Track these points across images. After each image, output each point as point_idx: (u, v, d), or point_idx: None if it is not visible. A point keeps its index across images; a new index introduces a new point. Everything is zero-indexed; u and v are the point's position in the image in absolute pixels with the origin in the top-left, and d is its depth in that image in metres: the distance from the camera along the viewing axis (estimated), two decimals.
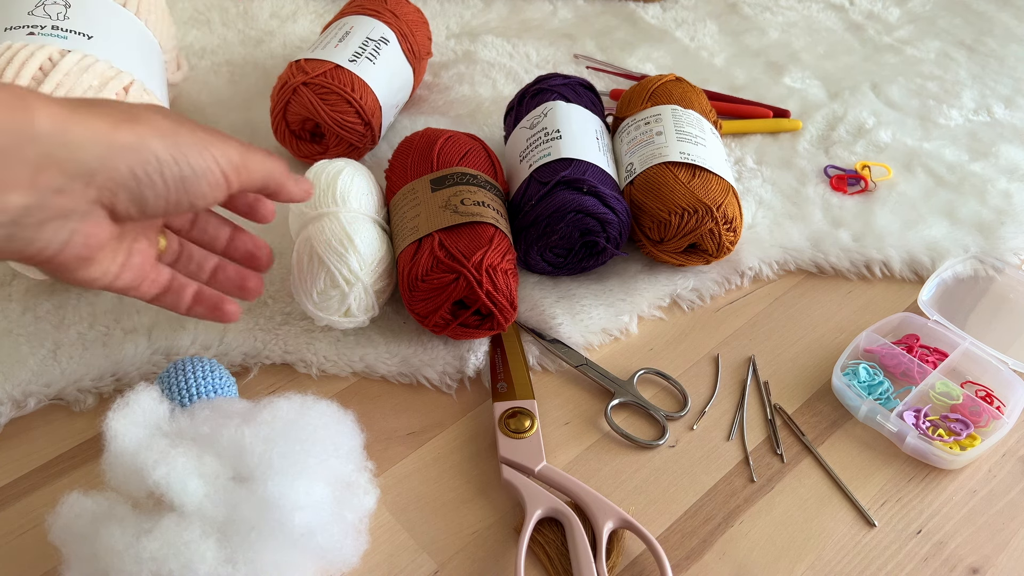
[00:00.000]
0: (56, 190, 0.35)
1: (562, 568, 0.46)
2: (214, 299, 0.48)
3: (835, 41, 0.95)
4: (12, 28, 0.58)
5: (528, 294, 0.61)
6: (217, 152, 0.40)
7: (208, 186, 0.40)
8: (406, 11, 0.77)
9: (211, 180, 0.40)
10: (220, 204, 0.45)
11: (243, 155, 0.42)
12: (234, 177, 0.41)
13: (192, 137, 0.40)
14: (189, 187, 0.40)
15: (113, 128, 0.37)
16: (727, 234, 0.60)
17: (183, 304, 0.47)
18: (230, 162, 0.41)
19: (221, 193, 0.41)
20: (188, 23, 0.91)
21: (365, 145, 0.70)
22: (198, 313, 0.48)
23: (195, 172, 0.39)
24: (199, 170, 0.40)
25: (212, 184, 0.40)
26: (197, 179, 0.40)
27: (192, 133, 0.40)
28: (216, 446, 0.42)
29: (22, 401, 0.52)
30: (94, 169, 0.36)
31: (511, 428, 0.51)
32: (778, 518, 0.49)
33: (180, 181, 0.39)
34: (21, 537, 0.47)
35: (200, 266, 0.49)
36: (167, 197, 0.39)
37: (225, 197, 0.42)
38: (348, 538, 0.43)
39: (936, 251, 0.66)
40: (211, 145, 0.40)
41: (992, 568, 0.47)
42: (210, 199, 0.41)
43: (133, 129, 0.37)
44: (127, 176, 0.37)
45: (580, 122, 0.64)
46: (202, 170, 0.40)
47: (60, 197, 0.36)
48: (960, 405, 0.54)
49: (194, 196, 0.40)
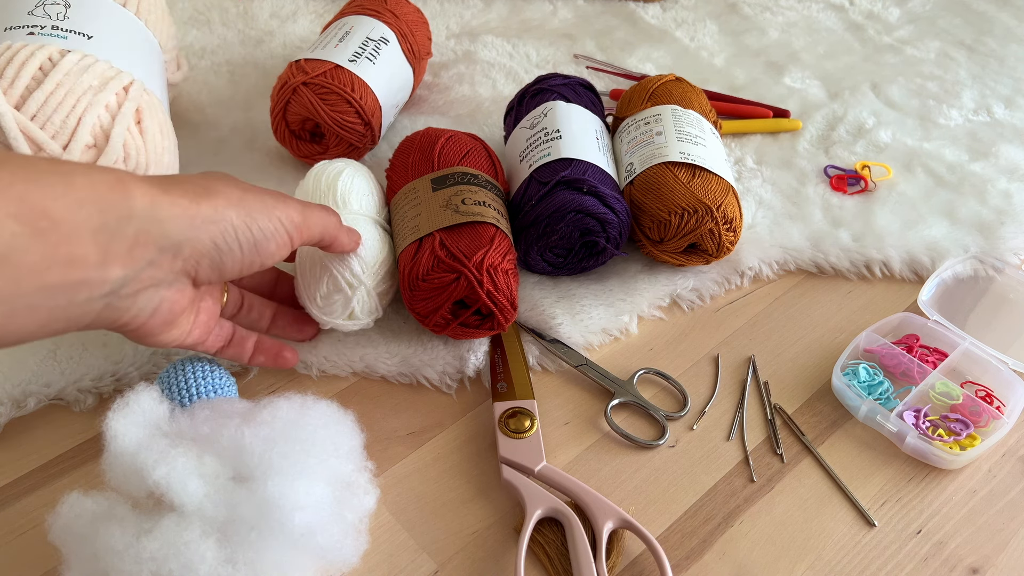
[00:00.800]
0: (149, 262, 0.39)
1: (562, 568, 0.46)
2: (275, 348, 0.53)
3: (835, 41, 0.95)
4: (12, 28, 0.58)
5: (528, 294, 0.61)
6: (281, 214, 0.44)
7: (276, 246, 0.44)
8: (406, 11, 0.77)
9: (279, 240, 0.44)
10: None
11: (303, 214, 0.46)
12: (296, 235, 0.46)
13: (259, 203, 0.44)
14: (260, 249, 0.44)
15: (194, 203, 0.40)
16: (727, 234, 0.60)
17: (245, 354, 0.52)
18: (292, 222, 0.45)
19: (287, 250, 0.46)
20: (188, 23, 0.91)
21: (365, 145, 0.70)
22: (259, 362, 0.53)
23: (265, 235, 0.44)
24: (268, 233, 0.44)
25: (279, 244, 0.45)
26: (267, 241, 0.44)
27: (259, 199, 0.44)
28: (216, 446, 0.42)
29: (22, 401, 0.52)
30: (180, 242, 0.40)
31: (511, 428, 0.51)
32: (778, 518, 0.49)
33: (253, 245, 0.43)
34: (21, 537, 0.47)
35: (261, 314, 0.54)
36: (242, 260, 0.43)
37: (289, 253, 0.46)
38: (348, 538, 0.43)
39: (936, 251, 0.66)
40: (275, 208, 0.44)
41: (992, 568, 0.47)
42: (277, 257, 0.45)
43: (211, 202, 0.41)
44: (209, 247, 0.41)
45: (580, 122, 0.64)
46: (271, 232, 0.44)
47: (152, 269, 0.39)
48: (960, 405, 0.54)
49: (264, 256, 0.44)
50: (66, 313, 0.37)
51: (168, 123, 0.63)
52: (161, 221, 0.38)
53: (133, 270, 0.38)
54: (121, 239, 0.37)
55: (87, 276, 0.36)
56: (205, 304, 0.48)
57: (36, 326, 0.36)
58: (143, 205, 0.38)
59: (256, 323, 0.54)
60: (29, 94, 0.54)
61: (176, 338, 0.45)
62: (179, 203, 0.39)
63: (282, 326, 0.55)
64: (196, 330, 0.47)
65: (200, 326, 0.47)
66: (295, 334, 0.56)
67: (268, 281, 0.56)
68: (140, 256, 0.38)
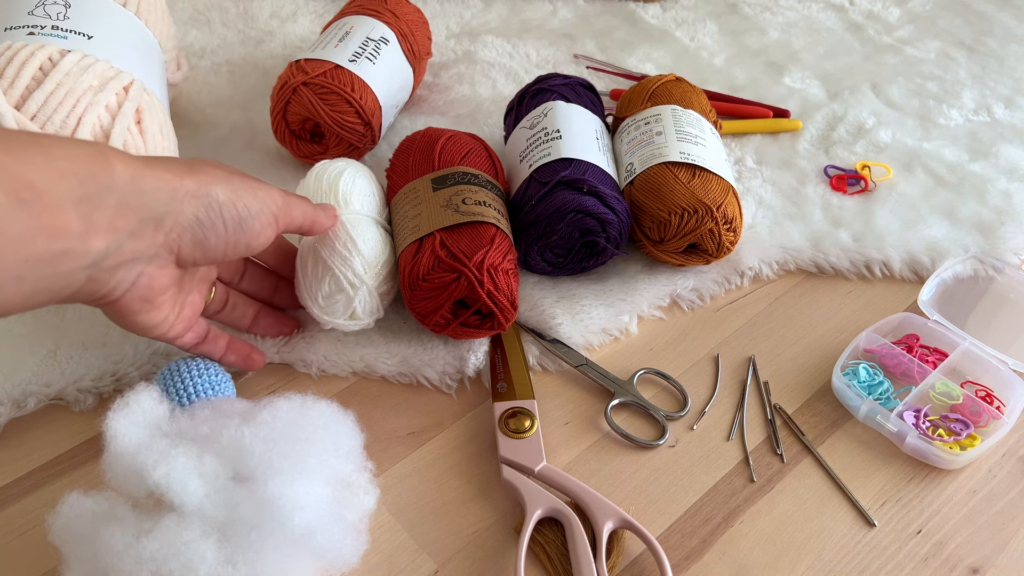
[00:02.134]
0: (130, 234, 0.39)
1: (562, 568, 0.46)
2: (244, 349, 0.54)
3: (835, 41, 0.95)
4: (12, 28, 0.58)
5: (528, 294, 0.61)
6: (265, 196, 0.45)
7: (261, 225, 0.45)
8: (406, 11, 0.77)
9: (264, 220, 0.45)
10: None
11: (285, 198, 0.47)
12: (281, 217, 0.46)
13: (244, 183, 0.44)
14: (245, 227, 0.44)
15: (177, 177, 0.41)
16: (727, 234, 0.60)
17: (217, 352, 0.52)
18: (276, 204, 0.46)
19: (272, 232, 0.46)
20: (188, 23, 0.91)
21: (365, 145, 0.70)
22: (231, 361, 0.53)
23: (251, 213, 0.44)
24: (254, 211, 0.44)
25: (264, 224, 0.45)
26: (252, 219, 0.44)
27: (243, 180, 0.44)
28: (216, 446, 0.42)
29: (22, 401, 0.52)
30: (162, 214, 0.40)
31: (511, 428, 0.51)
32: (778, 518, 0.49)
33: (238, 222, 0.44)
34: (21, 537, 0.47)
35: (243, 313, 0.55)
36: (226, 238, 0.43)
37: (274, 236, 0.47)
38: (348, 538, 0.43)
39: (936, 251, 0.66)
40: (259, 189, 0.45)
41: (992, 568, 0.47)
42: (261, 238, 0.46)
43: (195, 178, 0.42)
44: (192, 220, 0.42)
45: (580, 122, 0.64)
46: (256, 211, 0.44)
47: (133, 241, 0.39)
48: (960, 405, 0.54)
49: (250, 235, 0.45)
50: (50, 284, 0.37)
51: (168, 123, 0.63)
52: (142, 193, 0.39)
53: (115, 241, 0.38)
54: (103, 210, 0.37)
55: (70, 246, 0.37)
56: (191, 299, 0.48)
57: (20, 298, 0.36)
58: (124, 177, 0.38)
59: (238, 321, 0.55)
60: (29, 94, 0.54)
61: (157, 324, 0.46)
62: (162, 176, 0.40)
63: (263, 325, 0.56)
64: (179, 324, 0.47)
65: (184, 320, 0.48)
66: (274, 332, 0.56)
67: (268, 286, 0.56)
68: (121, 227, 0.38)
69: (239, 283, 0.55)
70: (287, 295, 0.57)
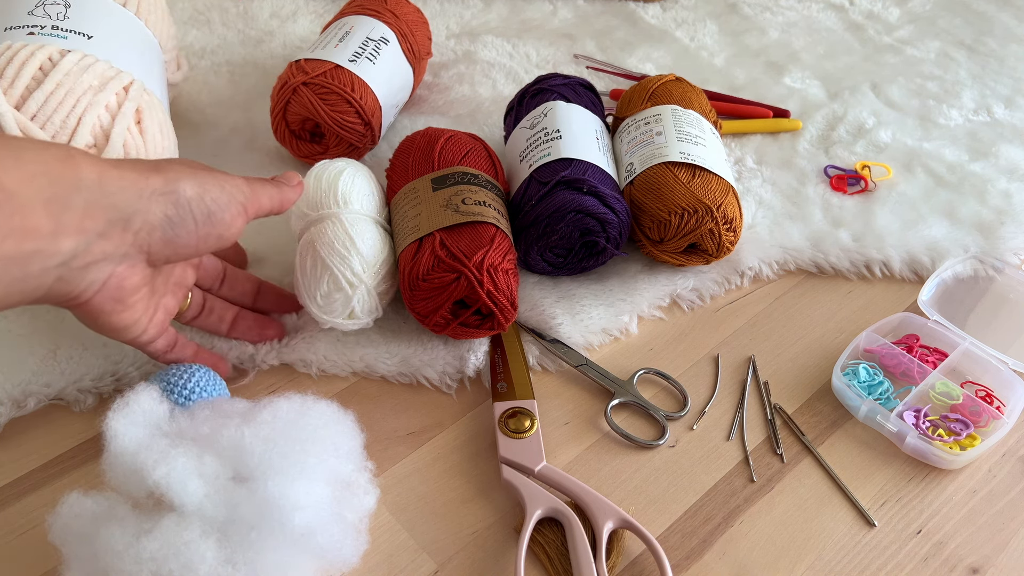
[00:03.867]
0: (99, 234, 0.40)
1: (562, 568, 0.46)
2: (211, 359, 0.53)
3: (835, 41, 0.95)
4: (12, 28, 0.58)
5: (528, 294, 0.61)
6: (231, 187, 0.46)
7: (231, 216, 0.45)
8: (406, 11, 0.77)
9: (233, 211, 0.45)
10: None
11: (251, 185, 0.47)
12: (250, 205, 0.47)
13: (210, 176, 0.45)
14: (215, 220, 0.44)
15: (143, 177, 0.41)
16: (727, 234, 0.60)
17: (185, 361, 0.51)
18: (243, 192, 0.46)
19: (242, 221, 0.46)
20: (188, 23, 0.91)
21: (365, 145, 0.70)
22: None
23: (220, 205, 0.44)
24: (222, 203, 0.45)
25: (234, 214, 0.45)
26: (222, 212, 0.45)
27: (209, 173, 0.45)
28: (216, 446, 0.42)
29: (22, 401, 0.52)
30: (130, 214, 0.41)
31: (511, 428, 0.51)
32: (778, 518, 0.49)
33: (207, 216, 0.44)
34: (21, 537, 0.47)
35: (221, 317, 0.55)
36: (197, 233, 0.44)
37: (244, 226, 0.47)
38: (348, 538, 0.43)
39: (936, 251, 0.66)
40: (226, 181, 0.45)
41: (992, 568, 0.47)
42: (232, 229, 0.46)
43: (161, 176, 0.42)
44: (160, 219, 0.42)
45: (580, 122, 0.64)
46: (224, 203, 0.45)
47: (102, 241, 0.40)
48: (960, 405, 0.54)
49: (220, 227, 0.45)
50: (21, 286, 0.38)
51: (168, 123, 0.63)
52: (109, 193, 0.39)
53: (84, 241, 0.39)
54: (72, 210, 0.38)
55: (40, 247, 0.37)
56: (165, 301, 0.49)
57: None
58: (91, 178, 0.39)
59: (216, 326, 0.55)
60: (29, 94, 0.54)
61: (130, 326, 0.46)
62: (127, 176, 0.40)
63: (243, 329, 0.56)
64: (152, 328, 0.48)
65: (157, 325, 0.48)
66: (255, 337, 0.56)
67: (249, 291, 0.57)
68: (89, 228, 0.39)
69: (219, 289, 0.55)
70: (270, 299, 0.57)
